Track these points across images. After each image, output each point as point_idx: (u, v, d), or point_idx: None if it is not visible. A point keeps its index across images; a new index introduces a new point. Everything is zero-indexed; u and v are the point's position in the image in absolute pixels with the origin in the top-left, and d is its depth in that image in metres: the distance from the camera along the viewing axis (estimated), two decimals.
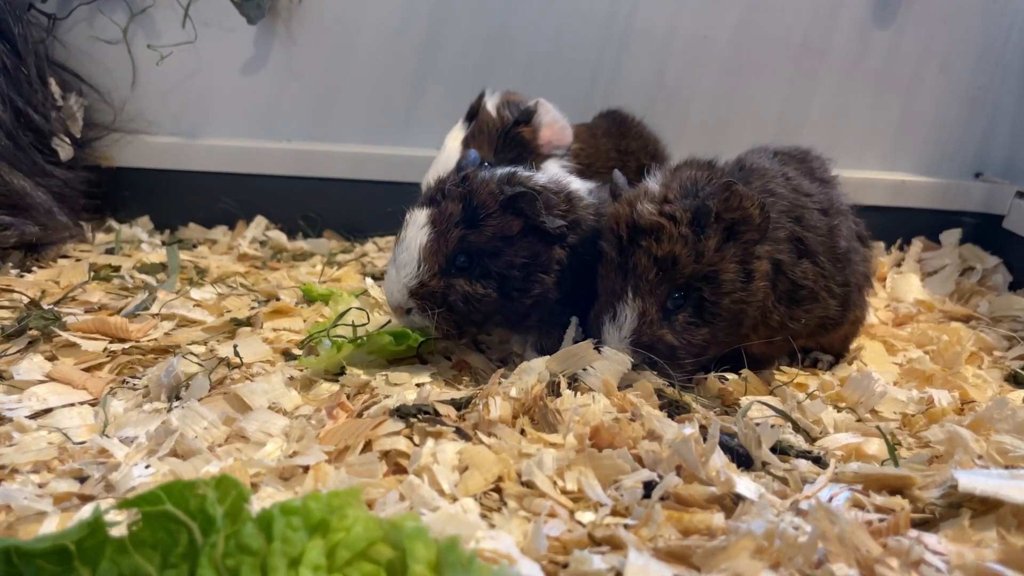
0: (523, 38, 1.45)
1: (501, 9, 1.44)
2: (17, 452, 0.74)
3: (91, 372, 0.91)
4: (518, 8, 1.44)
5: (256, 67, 1.46)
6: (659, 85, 1.45)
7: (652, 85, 1.45)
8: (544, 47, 1.45)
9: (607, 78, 1.46)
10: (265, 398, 0.83)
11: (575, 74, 1.46)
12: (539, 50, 1.45)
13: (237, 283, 1.22)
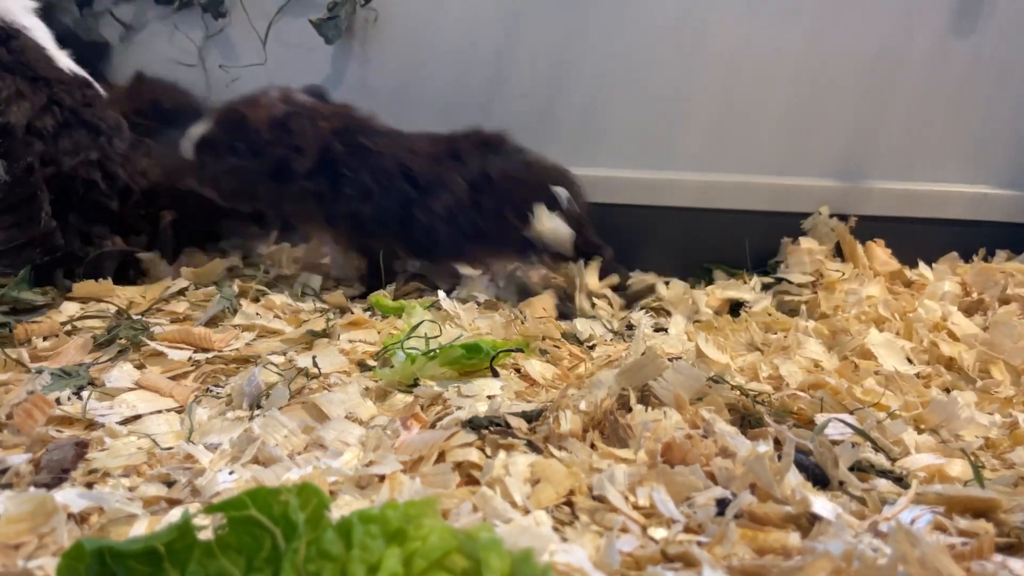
0: (592, 56, 1.46)
1: (570, 30, 1.45)
2: (109, 457, 0.78)
3: (177, 380, 0.95)
4: (587, 28, 1.45)
5: (333, 85, 1.50)
6: (728, 103, 1.44)
7: (721, 103, 1.45)
8: (613, 66, 1.45)
9: (674, 97, 1.45)
10: (342, 408, 0.85)
11: (643, 94, 1.46)
12: (608, 69, 1.46)
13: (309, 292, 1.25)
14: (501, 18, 1.46)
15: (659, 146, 1.47)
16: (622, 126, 1.47)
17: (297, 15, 1.48)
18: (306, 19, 1.45)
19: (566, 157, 1.48)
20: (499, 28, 1.47)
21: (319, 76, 1.51)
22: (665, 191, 1.44)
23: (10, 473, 0.76)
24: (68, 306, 1.15)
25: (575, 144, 1.49)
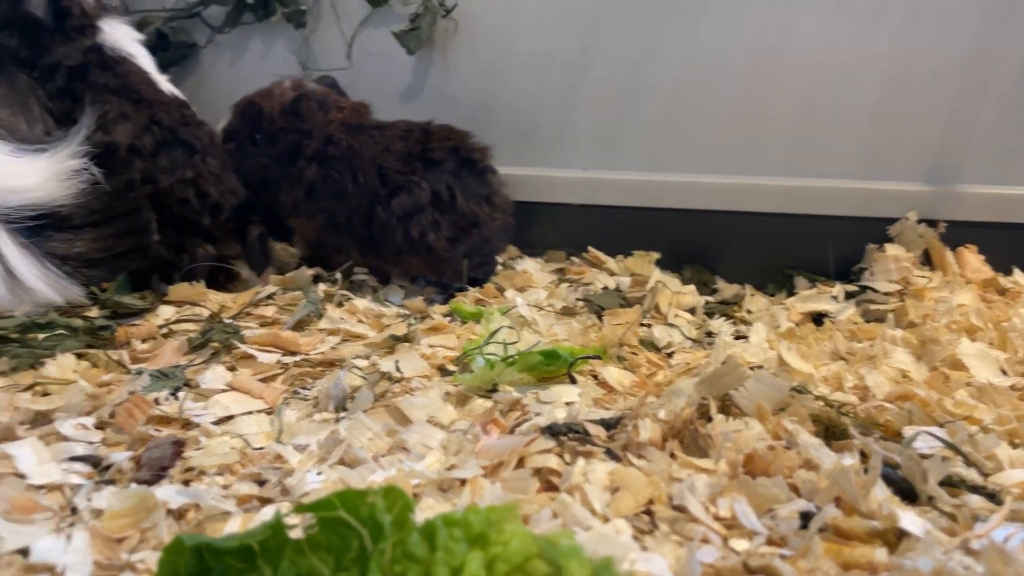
0: (670, 62, 1.45)
1: (648, 37, 1.45)
2: (204, 455, 0.81)
3: (267, 383, 0.99)
4: (665, 35, 1.44)
5: (414, 94, 1.54)
6: (811, 106, 1.42)
7: (804, 105, 1.42)
8: (692, 71, 1.44)
9: (756, 101, 1.43)
10: (424, 412, 0.87)
11: (724, 98, 1.44)
12: (686, 74, 1.45)
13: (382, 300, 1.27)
14: (579, 27, 1.47)
15: (740, 151, 1.45)
16: (702, 131, 1.46)
17: (379, 26, 1.52)
18: (388, 30, 1.49)
19: (645, 163, 1.49)
20: (576, 36, 1.47)
21: (400, 85, 1.54)
22: (746, 196, 1.42)
23: (113, 469, 0.80)
24: (164, 309, 1.21)
25: (654, 149, 1.48)
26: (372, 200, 1.29)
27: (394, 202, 1.28)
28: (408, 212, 1.27)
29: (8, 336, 1.04)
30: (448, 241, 1.29)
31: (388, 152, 1.30)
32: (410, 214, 1.27)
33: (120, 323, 1.13)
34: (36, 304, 1.14)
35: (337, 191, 1.30)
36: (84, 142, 1.20)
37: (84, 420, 0.88)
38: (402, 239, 1.28)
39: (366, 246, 1.33)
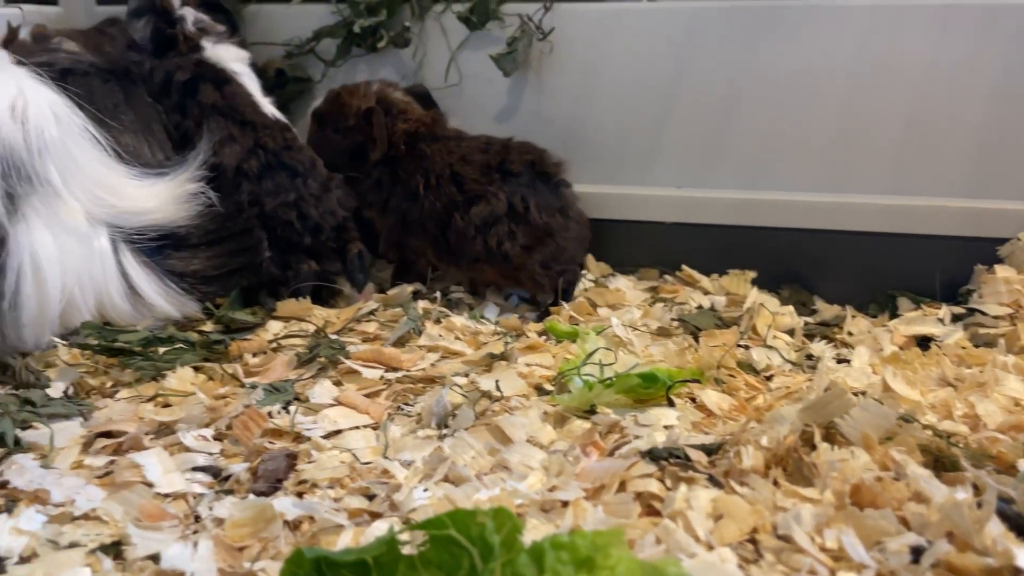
0: (768, 79, 1.43)
1: (745, 55, 1.44)
2: (316, 469, 0.85)
3: (371, 398, 1.02)
4: (762, 52, 1.43)
5: (509, 114, 1.56)
6: (917, 122, 1.38)
7: (909, 122, 1.38)
8: (791, 88, 1.42)
9: (858, 117, 1.40)
10: (523, 432, 0.89)
11: (824, 115, 1.42)
12: (785, 92, 1.43)
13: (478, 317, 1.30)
14: (673, 45, 1.47)
15: (841, 168, 1.42)
16: (800, 148, 1.44)
17: (477, 48, 1.55)
18: (485, 52, 1.52)
19: (741, 180, 1.47)
20: (671, 54, 1.47)
21: (496, 106, 1.57)
22: (847, 215, 1.39)
23: (232, 480, 0.85)
24: (273, 324, 1.26)
25: (751, 167, 1.47)
26: (448, 206, 1.35)
27: (472, 211, 1.33)
28: (486, 221, 1.33)
29: (132, 350, 1.11)
30: (523, 249, 1.32)
31: (466, 162, 1.36)
32: (488, 224, 1.33)
33: (233, 338, 1.19)
34: (156, 319, 1.21)
35: (406, 193, 1.37)
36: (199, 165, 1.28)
37: (204, 432, 0.93)
38: (480, 248, 1.33)
39: (442, 250, 1.39)
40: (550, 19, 1.50)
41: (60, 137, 1.08)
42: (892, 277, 1.38)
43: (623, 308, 1.33)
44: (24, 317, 1.06)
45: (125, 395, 1.04)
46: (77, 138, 1.11)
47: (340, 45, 1.58)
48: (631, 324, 1.23)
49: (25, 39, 1.34)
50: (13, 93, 1.05)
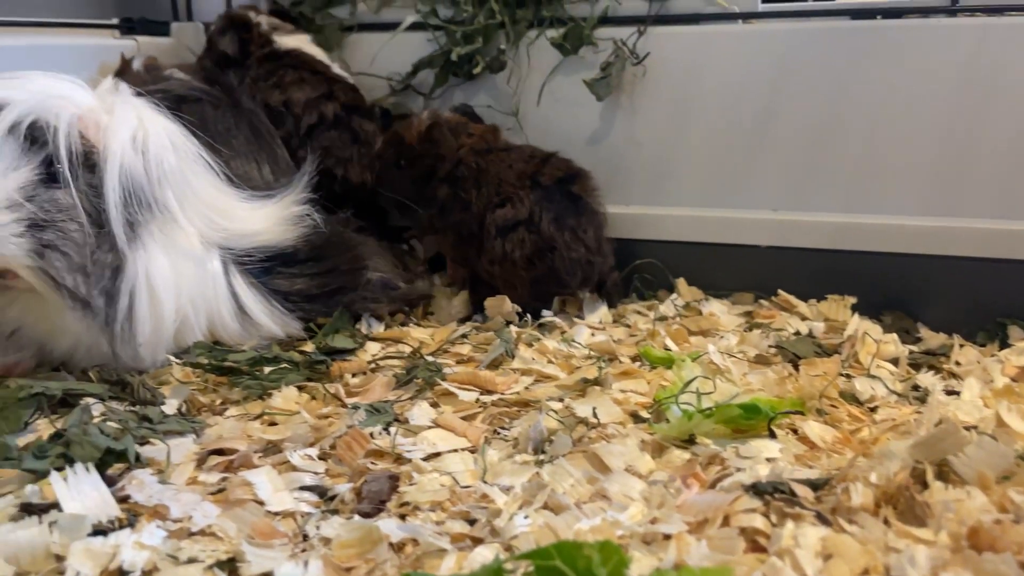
0: (867, 102, 1.40)
1: (844, 76, 1.41)
2: (417, 491, 0.87)
3: (468, 421, 1.04)
4: (862, 74, 1.40)
5: (601, 138, 1.57)
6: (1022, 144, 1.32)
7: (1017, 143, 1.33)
8: (891, 111, 1.39)
9: (962, 139, 1.36)
10: (622, 460, 0.89)
11: (926, 138, 1.37)
12: (885, 114, 1.39)
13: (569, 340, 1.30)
14: (769, 66, 1.45)
15: (945, 191, 1.37)
16: (902, 170, 1.40)
17: (569, 73, 1.56)
18: (577, 77, 1.53)
19: (841, 203, 1.44)
20: (767, 76, 1.45)
21: (588, 129, 1.58)
22: (953, 239, 1.34)
23: (337, 500, 0.87)
24: (371, 345, 1.29)
25: (851, 190, 1.43)
26: (485, 208, 1.40)
27: (498, 212, 1.38)
28: (507, 225, 1.38)
29: (241, 369, 1.16)
30: (526, 260, 1.37)
31: (509, 168, 1.41)
32: (507, 228, 1.38)
33: (334, 358, 1.22)
34: (262, 338, 1.26)
35: (464, 206, 1.41)
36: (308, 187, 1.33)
37: (309, 451, 0.96)
38: (499, 250, 1.38)
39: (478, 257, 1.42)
40: (644, 43, 1.50)
41: (177, 165, 1.14)
42: (1000, 304, 1.33)
43: (717, 334, 1.32)
44: (139, 337, 1.12)
45: (234, 413, 1.08)
46: (192, 165, 1.17)
47: (437, 74, 1.62)
48: (727, 351, 1.21)
49: (138, 70, 1.42)
50: (134, 124, 1.11)
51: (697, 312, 1.42)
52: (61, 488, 0.82)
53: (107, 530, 0.79)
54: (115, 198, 1.05)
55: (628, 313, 1.44)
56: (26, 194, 1.02)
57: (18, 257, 1.01)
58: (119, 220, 1.06)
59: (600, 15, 1.53)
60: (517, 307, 1.38)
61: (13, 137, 1.01)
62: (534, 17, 1.55)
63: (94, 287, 1.05)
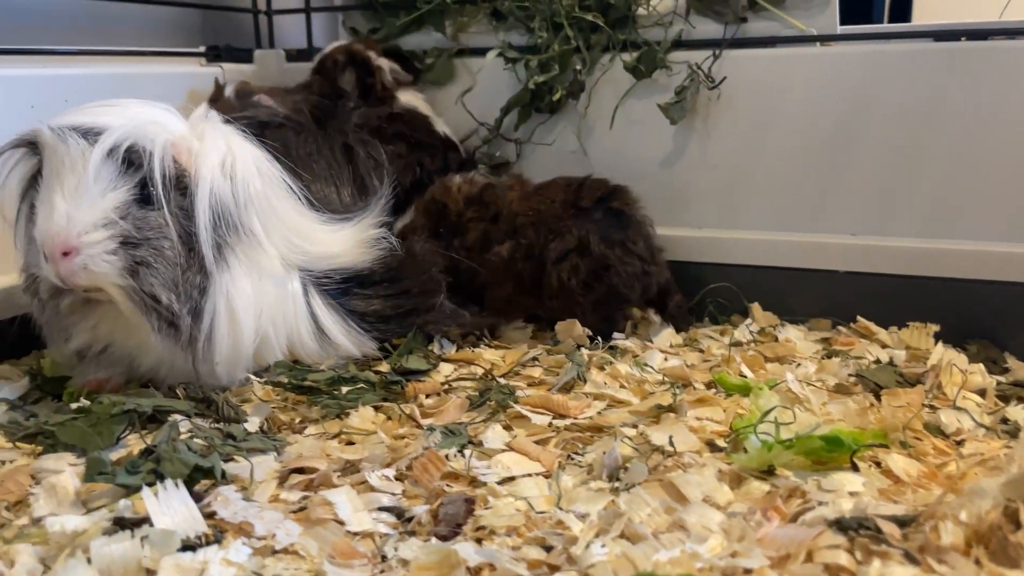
0: (951, 123, 1.37)
1: (928, 94, 1.38)
2: (493, 516, 0.87)
3: (541, 445, 1.04)
4: (946, 93, 1.36)
5: (673, 160, 1.56)
6: None
7: None
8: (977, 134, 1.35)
9: None
10: (699, 490, 0.88)
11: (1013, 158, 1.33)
12: (970, 137, 1.36)
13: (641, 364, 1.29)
14: (849, 88, 1.43)
15: None
16: (989, 194, 1.36)
17: (642, 97, 1.57)
18: (650, 100, 1.53)
19: (923, 228, 1.41)
20: (846, 98, 1.43)
21: (661, 152, 1.57)
22: None
23: (414, 522, 0.88)
24: (444, 366, 1.31)
25: (934, 214, 1.39)
26: (543, 250, 1.40)
27: (551, 246, 1.38)
28: (560, 256, 1.38)
29: (319, 388, 1.18)
30: (583, 285, 1.37)
31: (553, 203, 1.42)
32: (560, 258, 1.38)
33: (408, 379, 1.24)
34: (339, 357, 1.29)
35: (528, 254, 1.40)
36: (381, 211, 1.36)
37: (386, 471, 0.97)
38: (556, 282, 1.38)
39: (538, 298, 1.42)
40: (718, 66, 1.49)
41: (262, 189, 1.17)
42: None
43: (794, 361, 1.29)
44: (217, 356, 1.15)
45: (312, 431, 1.10)
46: (276, 189, 1.21)
47: (521, 111, 1.64)
48: (805, 379, 1.19)
49: (229, 96, 1.48)
50: (223, 150, 1.15)
51: (772, 338, 1.40)
52: (152, 503, 0.85)
53: (195, 546, 0.81)
54: (204, 220, 1.09)
55: (701, 338, 1.43)
56: (120, 214, 1.07)
57: (110, 275, 1.06)
58: (207, 242, 1.10)
59: (674, 39, 1.53)
60: (588, 330, 1.38)
61: (111, 160, 1.06)
62: (608, 42, 1.56)
63: (183, 306, 1.09)
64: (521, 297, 1.43)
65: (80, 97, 1.40)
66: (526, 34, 1.64)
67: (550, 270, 1.38)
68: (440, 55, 1.68)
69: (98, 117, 1.08)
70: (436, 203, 1.44)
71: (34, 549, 0.82)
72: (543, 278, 1.39)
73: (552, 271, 1.38)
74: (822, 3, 1.46)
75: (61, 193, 1.04)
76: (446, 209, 1.43)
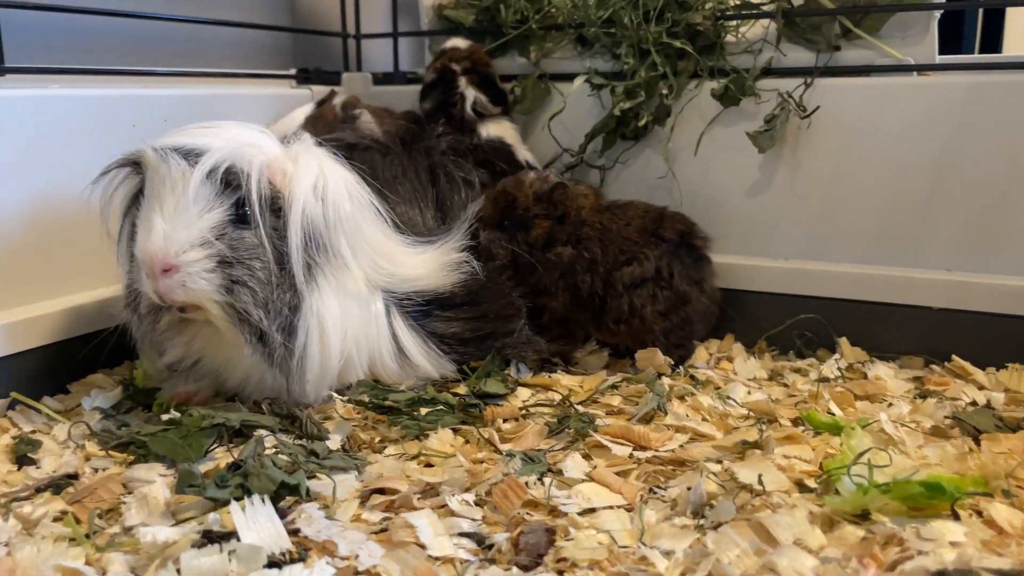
0: None
1: None
2: (575, 547, 0.86)
3: (623, 477, 1.02)
4: None
5: (760, 189, 1.54)
6: None
7: None
8: None
9: None
10: (790, 532, 0.85)
11: None
12: None
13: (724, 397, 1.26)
14: (948, 121, 1.38)
15: None
16: None
17: (729, 124, 1.55)
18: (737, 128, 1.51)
19: (1017, 266, 1.35)
20: (945, 130, 1.39)
21: (747, 181, 1.55)
22: None
23: (494, 549, 0.87)
24: (521, 391, 1.30)
25: None
26: (610, 268, 1.39)
27: (625, 269, 1.38)
28: (634, 282, 1.38)
29: (400, 408, 1.19)
30: (659, 315, 1.38)
31: (628, 225, 1.41)
32: (635, 284, 1.38)
33: (486, 402, 1.24)
34: (418, 378, 1.29)
35: (588, 266, 1.40)
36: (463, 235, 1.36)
37: (466, 496, 0.97)
38: (626, 307, 1.38)
39: (598, 317, 1.41)
40: (809, 95, 1.46)
41: (351, 211, 1.19)
42: None
43: (885, 400, 1.25)
44: (308, 374, 1.17)
45: (392, 452, 1.11)
46: (364, 211, 1.23)
47: (605, 138, 1.63)
48: (899, 420, 1.15)
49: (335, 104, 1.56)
50: (316, 172, 1.17)
51: (861, 375, 1.35)
52: (240, 518, 0.86)
53: (280, 563, 0.82)
54: (296, 241, 1.11)
55: (785, 371, 1.39)
56: (217, 233, 1.10)
57: (208, 292, 1.09)
58: (299, 261, 1.12)
59: (763, 66, 1.51)
60: (670, 359, 1.36)
61: (210, 181, 1.09)
62: (695, 68, 1.55)
63: (274, 323, 1.11)
64: (579, 312, 1.42)
65: (178, 116, 1.46)
66: (611, 60, 1.64)
67: (622, 292, 1.38)
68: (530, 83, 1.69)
69: (199, 138, 1.11)
70: (506, 195, 1.42)
71: (125, 558, 0.84)
72: (609, 300, 1.39)
73: (624, 295, 1.38)
74: (921, 32, 1.43)
75: (161, 212, 1.08)
76: (515, 202, 1.41)
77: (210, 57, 1.84)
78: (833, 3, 1.46)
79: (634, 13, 1.52)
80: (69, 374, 1.33)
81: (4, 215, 1.27)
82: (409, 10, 1.95)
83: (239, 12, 1.86)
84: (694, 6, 1.51)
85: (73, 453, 1.10)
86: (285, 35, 2.03)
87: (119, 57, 1.65)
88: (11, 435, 1.15)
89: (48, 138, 1.32)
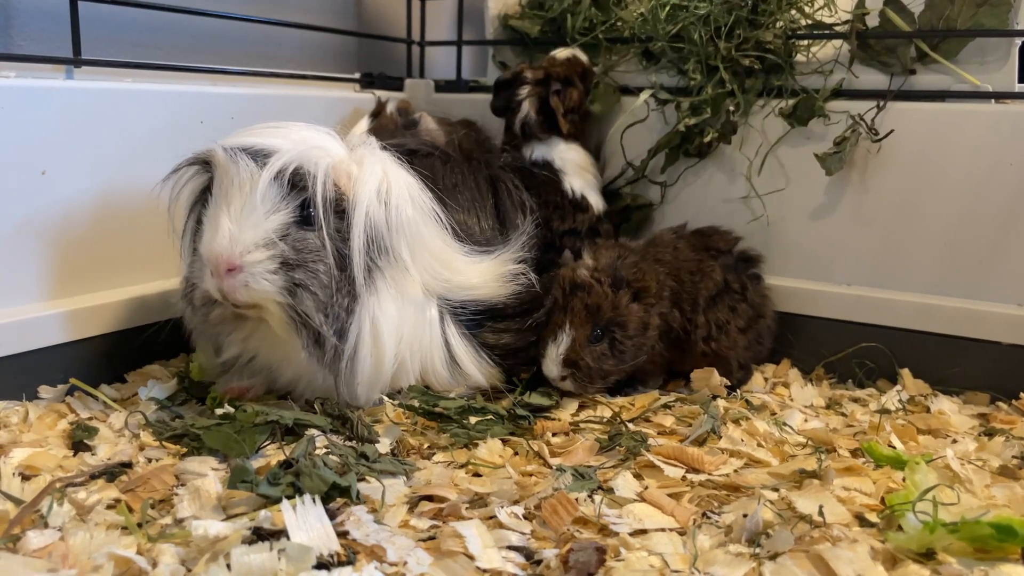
0: None
1: None
2: (626, 569, 0.84)
3: (675, 499, 1.00)
4: None
5: (827, 211, 1.50)
6: None
7: None
8: None
9: None
10: (851, 568, 0.82)
11: None
12: None
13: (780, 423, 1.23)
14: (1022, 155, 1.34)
15: None
16: None
17: (795, 144, 1.52)
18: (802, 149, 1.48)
19: None
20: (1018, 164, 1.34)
21: (812, 203, 1.51)
22: None
23: (543, 565, 0.86)
24: (569, 403, 1.29)
25: None
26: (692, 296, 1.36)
27: (700, 287, 1.36)
28: (711, 296, 1.36)
29: (450, 415, 1.18)
30: (739, 330, 1.37)
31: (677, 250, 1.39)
32: (713, 298, 1.37)
33: (536, 415, 1.22)
34: (468, 387, 1.29)
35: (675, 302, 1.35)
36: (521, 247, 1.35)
37: (515, 508, 0.96)
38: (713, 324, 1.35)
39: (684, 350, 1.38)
40: (881, 117, 1.43)
41: (413, 216, 1.19)
42: None
43: (949, 436, 1.21)
44: (359, 376, 1.17)
45: (441, 459, 1.10)
46: (425, 217, 1.22)
47: (668, 154, 1.61)
48: (965, 457, 1.10)
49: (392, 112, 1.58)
50: (380, 176, 1.17)
51: (924, 408, 1.31)
52: (290, 517, 0.86)
53: (328, 564, 0.82)
54: (359, 244, 1.12)
55: (844, 400, 1.36)
56: (280, 234, 1.10)
57: (271, 293, 1.09)
58: (360, 264, 1.12)
59: (834, 87, 1.48)
60: (726, 380, 1.34)
61: (277, 183, 1.10)
62: (763, 87, 1.52)
63: (331, 328, 1.11)
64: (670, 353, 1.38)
65: (245, 114, 1.48)
66: (676, 75, 1.62)
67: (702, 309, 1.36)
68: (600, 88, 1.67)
69: (267, 139, 1.12)
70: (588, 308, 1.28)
71: (176, 550, 0.84)
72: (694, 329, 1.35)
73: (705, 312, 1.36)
74: (1000, 59, 1.38)
75: (228, 212, 1.09)
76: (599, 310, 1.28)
77: (277, 58, 1.86)
78: (910, 26, 1.43)
79: (704, 29, 1.50)
80: (127, 363, 1.35)
81: (73, 204, 1.29)
82: (474, 19, 1.96)
83: (306, 15, 1.89)
84: (765, 24, 1.49)
85: (128, 442, 1.11)
86: (351, 39, 2.05)
87: (188, 54, 1.68)
88: (68, 420, 1.17)
89: (119, 130, 1.35)
